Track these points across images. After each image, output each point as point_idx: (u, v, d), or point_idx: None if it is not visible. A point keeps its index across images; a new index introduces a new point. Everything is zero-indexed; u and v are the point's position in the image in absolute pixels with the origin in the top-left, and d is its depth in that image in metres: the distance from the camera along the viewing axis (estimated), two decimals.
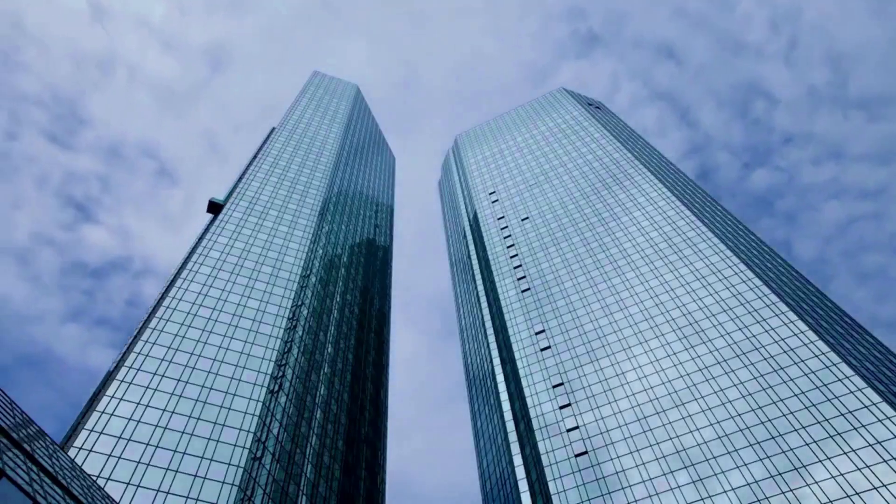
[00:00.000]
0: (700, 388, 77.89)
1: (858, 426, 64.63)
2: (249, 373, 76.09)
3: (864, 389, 67.83)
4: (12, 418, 31.29)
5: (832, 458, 63.00)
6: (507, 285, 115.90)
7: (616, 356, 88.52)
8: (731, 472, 66.69)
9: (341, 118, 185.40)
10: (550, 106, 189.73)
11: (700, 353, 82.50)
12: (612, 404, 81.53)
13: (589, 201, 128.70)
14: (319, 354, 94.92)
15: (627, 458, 73.91)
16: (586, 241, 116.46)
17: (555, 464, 77.19)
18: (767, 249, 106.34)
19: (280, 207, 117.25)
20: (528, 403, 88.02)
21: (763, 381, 74.58)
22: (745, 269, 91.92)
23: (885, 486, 58.45)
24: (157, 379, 69.99)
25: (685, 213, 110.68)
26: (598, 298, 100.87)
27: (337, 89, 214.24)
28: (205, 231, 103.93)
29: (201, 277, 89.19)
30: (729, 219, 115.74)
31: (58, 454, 34.99)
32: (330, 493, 79.35)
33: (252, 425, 68.91)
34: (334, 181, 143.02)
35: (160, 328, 77.29)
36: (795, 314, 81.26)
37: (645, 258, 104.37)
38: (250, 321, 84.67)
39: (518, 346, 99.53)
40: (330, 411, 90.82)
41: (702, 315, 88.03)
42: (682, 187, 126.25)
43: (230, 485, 61.08)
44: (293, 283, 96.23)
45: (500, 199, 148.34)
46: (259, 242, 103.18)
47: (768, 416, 70.23)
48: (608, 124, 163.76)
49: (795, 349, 76.24)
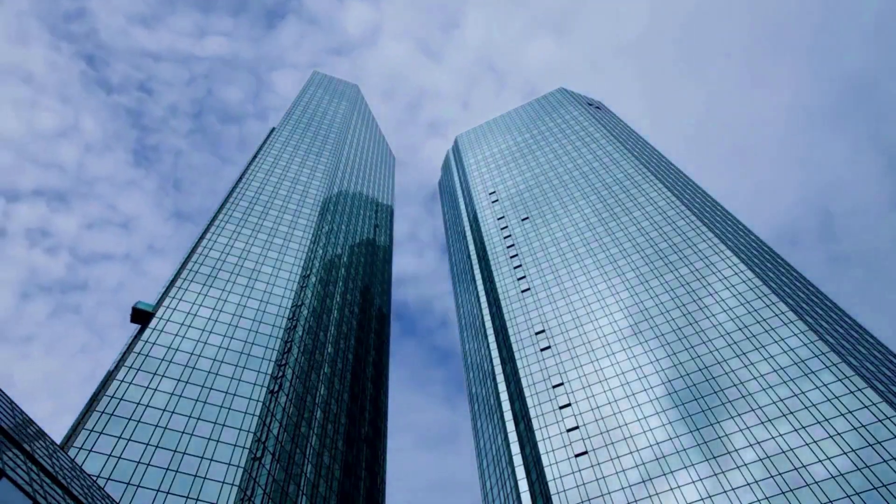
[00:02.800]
0: (700, 388, 77.90)
1: (858, 426, 64.63)
2: (249, 373, 76.10)
3: (863, 389, 67.84)
4: (12, 418, 31.30)
5: (832, 458, 63.01)
6: (507, 285, 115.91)
7: (616, 356, 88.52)
8: (731, 472, 66.70)
9: (341, 118, 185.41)
10: (550, 106, 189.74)
11: (700, 353, 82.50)
12: (612, 404, 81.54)
13: (589, 201, 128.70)
14: (319, 354, 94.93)
15: (627, 458, 73.91)
16: (586, 241, 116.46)
17: (555, 464, 77.21)
18: (768, 250, 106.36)
19: (280, 207, 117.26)
20: (528, 403, 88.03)
21: (763, 381, 74.59)
22: (745, 270, 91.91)
23: (884, 485, 58.46)
24: (157, 379, 70.00)
25: (685, 213, 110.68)
26: (598, 298, 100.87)
27: (337, 89, 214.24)
28: (205, 231, 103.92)
29: (201, 277, 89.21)
30: (729, 219, 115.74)
31: (58, 454, 34.99)
32: (330, 493, 79.36)
33: (252, 425, 68.92)
34: (334, 181, 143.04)
35: (160, 328, 77.28)
36: (795, 314, 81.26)
37: (645, 258, 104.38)
38: (250, 321, 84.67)
39: (518, 346, 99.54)
40: (330, 411, 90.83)
41: (702, 315, 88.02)
42: (682, 187, 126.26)
43: (230, 485, 61.09)
44: (293, 283, 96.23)
45: (500, 199, 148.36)
46: (259, 242, 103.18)
47: (768, 416, 70.23)
48: (608, 124, 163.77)
49: (795, 349, 76.24)
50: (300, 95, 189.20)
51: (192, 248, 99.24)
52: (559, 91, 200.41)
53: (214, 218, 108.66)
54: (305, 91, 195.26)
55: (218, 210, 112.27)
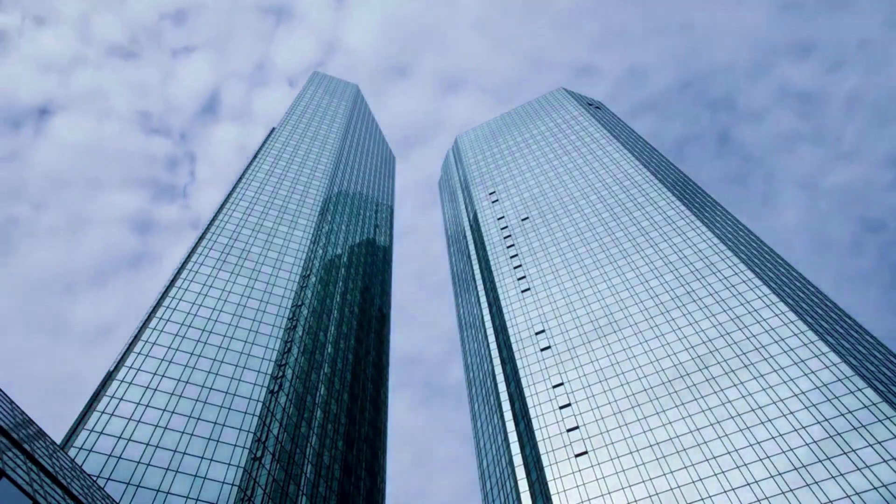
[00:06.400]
0: (700, 388, 77.89)
1: (858, 426, 64.62)
2: (249, 373, 76.10)
3: (863, 389, 67.83)
4: (12, 418, 31.29)
5: (832, 459, 62.99)
6: (507, 285, 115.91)
7: (616, 356, 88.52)
8: (731, 472, 66.69)
9: (341, 118, 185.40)
10: (550, 106, 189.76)
11: (700, 353, 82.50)
12: (613, 404, 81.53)
13: (589, 201, 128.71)
14: (319, 354, 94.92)
15: (627, 458, 73.90)
16: (586, 241, 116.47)
17: (555, 464, 77.20)
18: (768, 250, 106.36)
19: (280, 207, 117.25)
20: (528, 403, 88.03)
21: (763, 381, 74.60)
22: (746, 269, 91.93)
23: (884, 486, 58.46)
24: (157, 379, 69.99)
25: (685, 213, 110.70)
26: (598, 298, 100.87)
27: (337, 89, 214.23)
28: (205, 231, 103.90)
29: (201, 277, 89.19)
30: (728, 218, 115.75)
31: (58, 454, 34.98)
32: (330, 493, 79.35)
33: (252, 425, 68.91)
34: (334, 181, 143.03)
35: (160, 328, 77.29)
36: (795, 314, 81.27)
37: (645, 258, 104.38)
38: (250, 321, 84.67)
39: (518, 346, 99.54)
40: (330, 411, 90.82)
41: (701, 315, 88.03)
42: (682, 187, 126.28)
43: (230, 485, 61.08)
44: (293, 283, 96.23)
45: (500, 199, 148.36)
46: (259, 242, 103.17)
47: (768, 416, 70.23)
48: (608, 124, 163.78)
49: (795, 349, 76.24)
50: (300, 95, 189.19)
51: (192, 248, 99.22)
52: (559, 91, 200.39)
53: (214, 218, 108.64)
54: (305, 91, 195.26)
55: (218, 210, 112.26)
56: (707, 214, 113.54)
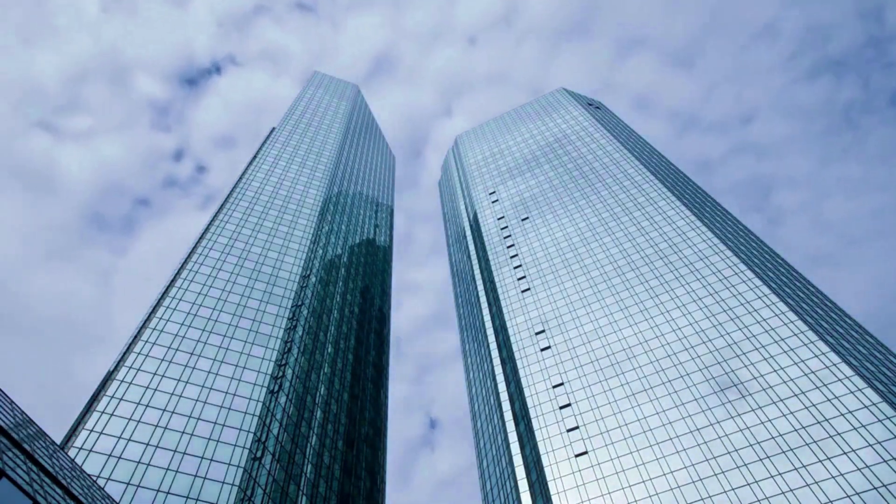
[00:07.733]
0: (700, 388, 77.91)
1: (858, 426, 64.63)
2: (249, 373, 76.10)
3: (864, 389, 67.84)
4: (12, 418, 31.30)
5: (832, 458, 63.01)
6: (507, 285, 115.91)
7: (616, 356, 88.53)
8: (731, 472, 66.69)
9: (341, 118, 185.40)
10: (550, 106, 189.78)
11: (700, 353, 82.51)
12: (613, 404, 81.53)
13: (589, 201, 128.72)
14: (319, 354, 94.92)
15: (627, 458, 73.91)
16: (586, 240, 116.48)
17: (555, 464, 77.21)
18: (768, 249, 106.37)
19: (280, 207, 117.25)
20: (528, 403, 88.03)
21: (763, 381, 74.60)
22: (745, 270, 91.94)
23: (884, 486, 58.47)
24: (157, 379, 70.00)
25: (684, 213, 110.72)
26: (598, 298, 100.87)
27: (337, 89, 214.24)
28: (205, 231, 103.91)
29: (201, 277, 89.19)
30: (728, 218, 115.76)
31: (58, 454, 34.98)
32: (330, 493, 79.36)
33: (252, 425, 68.92)
34: (334, 181, 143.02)
35: (160, 328, 77.29)
36: (795, 314, 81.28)
37: (645, 258, 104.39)
38: (250, 321, 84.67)
39: (518, 346, 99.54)
40: (330, 411, 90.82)
41: (701, 315, 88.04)
42: (682, 187, 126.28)
43: (230, 485, 61.10)
44: (293, 283, 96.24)
45: (500, 199, 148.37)
46: (259, 242, 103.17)
47: (768, 416, 70.23)
48: (608, 124, 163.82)
49: (795, 349, 76.26)
50: (300, 95, 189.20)
51: (192, 248, 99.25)
52: (559, 91, 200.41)
53: (214, 218, 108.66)
54: (305, 91, 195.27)
55: (218, 210, 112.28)
56: (707, 214, 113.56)
